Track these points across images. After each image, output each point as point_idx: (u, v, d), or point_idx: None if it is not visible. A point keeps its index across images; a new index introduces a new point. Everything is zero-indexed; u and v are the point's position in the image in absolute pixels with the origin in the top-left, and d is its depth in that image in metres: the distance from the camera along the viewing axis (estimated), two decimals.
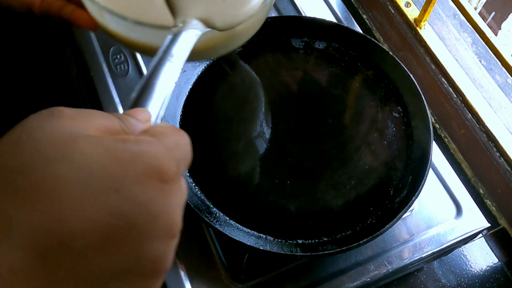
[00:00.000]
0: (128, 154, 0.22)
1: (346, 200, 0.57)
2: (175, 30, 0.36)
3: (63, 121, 0.23)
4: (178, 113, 0.62)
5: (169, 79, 0.31)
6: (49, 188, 0.20)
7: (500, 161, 0.69)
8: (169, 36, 0.35)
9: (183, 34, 0.36)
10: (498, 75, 0.75)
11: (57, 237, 0.20)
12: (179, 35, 0.35)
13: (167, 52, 0.33)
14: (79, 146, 0.22)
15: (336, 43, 0.68)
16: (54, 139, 0.22)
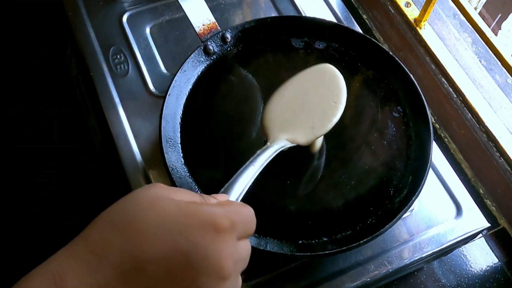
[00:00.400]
0: (193, 210, 0.31)
1: (346, 200, 0.57)
2: (264, 147, 0.50)
3: (158, 190, 0.33)
4: (178, 113, 0.62)
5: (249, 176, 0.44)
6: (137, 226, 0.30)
7: (500, 161, 0.69)
8: (258, 150, 0.49)
9: (270, 149, 0.49)
10: (498, 75, 0.75)
11: (137, 261, 0.29)
12: (266, 149, 0.49)
13: (253, 161, 0.46)
14: (162, 203, 0.31)
15: (336, 43, 0.68)
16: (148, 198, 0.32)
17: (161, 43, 0.73)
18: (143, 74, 0.70)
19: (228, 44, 0.67)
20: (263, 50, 0.67)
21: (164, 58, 0.72)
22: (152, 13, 0.76)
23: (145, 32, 0.74)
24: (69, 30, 0.75)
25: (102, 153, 0.75)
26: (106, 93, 0.67)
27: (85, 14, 0.74)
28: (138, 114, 0.66)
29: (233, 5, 0.78)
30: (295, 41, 0.68)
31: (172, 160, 0.57)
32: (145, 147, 0.64)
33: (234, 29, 0.66)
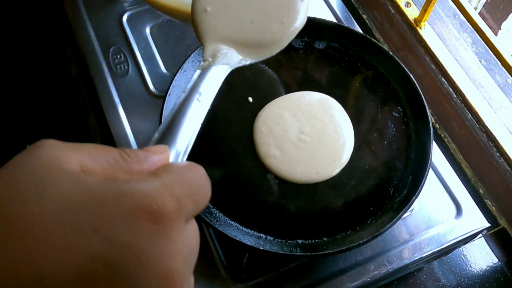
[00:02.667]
0: (111, 192, 0.20)
1: (346, 200, 0.57)
2: (205, 64, 0.35)
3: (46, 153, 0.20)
4: None
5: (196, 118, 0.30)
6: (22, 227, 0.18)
7: (500, 161, 0.69)
8: (198, 71, 0.34)
9: (212, 69, 0.34)
10: (498, 75, 0.75)
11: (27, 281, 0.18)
12: (208, 71, 0.34)
13: (195, 89, 0.32)
14: (57, 183, 0.19)
15: (336, 43, 0.68)
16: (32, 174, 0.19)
17: (161, 43, 0.73)
18: (143, 74, 0.70)
19: None
20: None
21: (164, 58, 0.72)
22: (152, 13, 0.75)
23: (145, 32, 0.74)
24: (69, 30, 0.75)
25: None
26: (106, 93, 0.67)
27: (85, 14, 0.74)
28: (138, 114, 0.66)
29: None
30: (295, 41, 0.68)
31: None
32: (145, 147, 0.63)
33: None
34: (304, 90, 0.65)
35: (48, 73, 0.99)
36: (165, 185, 0.21)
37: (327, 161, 0.58)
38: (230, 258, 0.56)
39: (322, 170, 0.57)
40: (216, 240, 0.58)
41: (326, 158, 0.58)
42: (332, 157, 0.58)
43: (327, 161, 0.58)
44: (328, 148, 0.59)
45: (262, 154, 0.58)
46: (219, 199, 0.56)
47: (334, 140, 0.59)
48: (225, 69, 0.37)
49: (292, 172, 0.57)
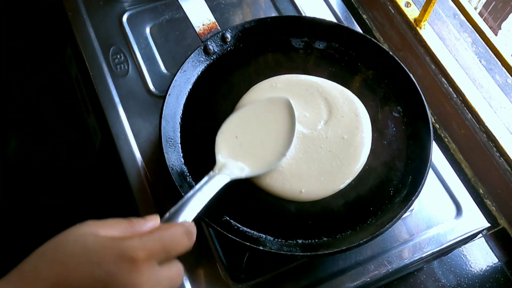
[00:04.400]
0: (111, 244, 0.35)
1: (346, 200, 0.57)
2: (211, 174, 0.51)
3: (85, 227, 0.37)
4: (178, 113, 0.62)
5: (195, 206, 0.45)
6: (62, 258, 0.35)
7: (500, 161, 0.69)
8: (206, 177, 0.50)
9: (216, 178, 0.50)
10: (498, 75, 0.75)
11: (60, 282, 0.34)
12: (212, 178, 0.50)
13: (200, 189, 0.47)
14: (86, 238, 0.36)
15: (336, 43, 0.68)
16: (75, 234, 0.36)
17: (161, 43, 0.73)
18: (143, 74, 0.70)
19: (228, 44, 0.67)
20: (263, 50, 0.67)
21: (164, 58, 0.72)
22: (152, 13, 0.76)
23: (145, 32, 0.74)
24: (69, 30, 0.75)
25: (102, 153, 0.75)
26: (106, 93, 0.67)
27: (85, 14, 0.74)
28: (138, 114, 0.66)
29: (233, 5, 0.78)
30: (295, 41, 0.68)
31: (172, 160, 0.57)
32: (145, 147, 0.64)
33: (234, 29, 0.66)
34: None
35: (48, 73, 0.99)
36: (141, 242, 0.36)
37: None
38: (230, 258, 0.56)
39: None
40: (216, 240, 0.58)
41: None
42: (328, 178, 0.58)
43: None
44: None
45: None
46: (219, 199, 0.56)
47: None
48: (225, 179, 0.51)
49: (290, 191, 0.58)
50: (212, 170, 0.52)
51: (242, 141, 0.57)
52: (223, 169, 0.53)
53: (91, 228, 0.37)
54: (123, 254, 0.34)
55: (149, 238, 0.37)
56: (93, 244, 0.35)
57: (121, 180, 0.63)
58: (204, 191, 0.47)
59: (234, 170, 0.53)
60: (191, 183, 0.57)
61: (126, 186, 0.62)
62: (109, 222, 0.38)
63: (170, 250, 0.37)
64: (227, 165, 0.54)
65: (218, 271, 0.56)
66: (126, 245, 0.35)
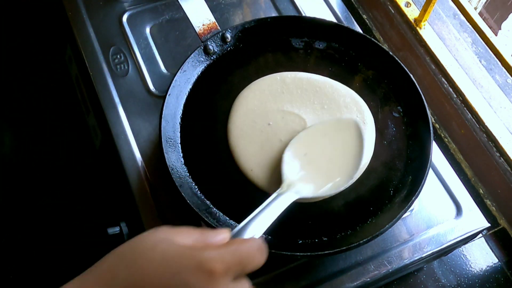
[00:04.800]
0: (190, 254, 0.35)
1: (346, 200, 0.57)
2: (280, 191, 0.51)
3: (162, 233, 0.37)
4: (178, 113, 0.62)
5: (264, 222, 0.45)
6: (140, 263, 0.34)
7: (500, 161, 0.69)
8: (275, 193, 0.50)
9: (285, 195, 0.50)
10: (498, 75, 0.75)
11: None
12: (281, 195, 0.50)
13: (269, 205, 0.47)
14: (164, 245, 0.35)
15: (336, 43, 0.68)
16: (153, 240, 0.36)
17: (161, 43, 0.73)
18: (143, 74, 0.70)
19: (228, 44, 0.67)
20: (263, 50, 0.67)
21: (164, 58, 0.72)
22: (152, 13, 0.76)
23: (145, 32, 0.74)
24: (69, 30, 0.75)
25: (102, 153, 0.75)
26: (106, 93, 0.67)
27: (85, 14, 0.74)
28: (138, 114, 0.66)
29: (233, 5, 0.78)
30: (295, 41, 0.68)
31: (172, 160, 0.57)
32: (145, 147, 0.64)
33: (234, 29, 0.66)
34: None
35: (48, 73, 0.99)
36: (219, 254, 0.35)
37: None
38: None
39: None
40: None
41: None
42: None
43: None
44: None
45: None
46: (219, 199, 0.56)
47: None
48: (292, 197, 0.51)
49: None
50: (281, 187, 0.52)
51: (311, 159, 0.56)
52: (291, 187, 0.52)
53: (166, 234, 0.37)
54: (201, 266, 0.34)
55: (227, 251, 0.36)
56: (171, 252, 0.35)
57: (121, 180, 0.63)
58: (272, 208, 0.47)
59: (302, 189, 0.53)
60: (191, 184, 0.57)
61: (126, 186, 0.62)
62: (183, 230, 0.38)
63: (246, 265, 0.37)
64: (295, 183, 0.53)
65: None
66: (205, 256, 0.35)
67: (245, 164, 0.58)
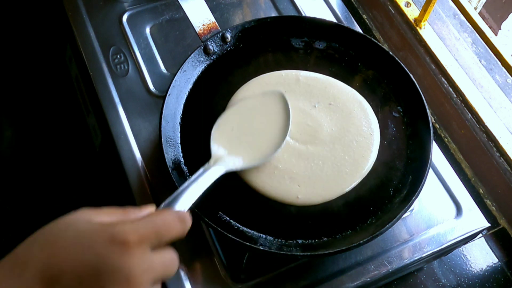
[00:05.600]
0: (103, 229, 0.35)
1: (346, 200, 0.57)
2: (206, 166, 0.52)
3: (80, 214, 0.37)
4: (178, 113, 0.62)
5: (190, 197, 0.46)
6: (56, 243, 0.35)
7: (500, 161, 0.69)
8: (201, 169, 0.51)
9: (211, 169, 0.51)
10: (498, 75, 0.75)
11: (53, 271, 0.34)
12: (208, 170, 0.51)
13: (195, 180, 0.48)
14: (79, 224, 0.36)
15: (336, 43, 0.68)
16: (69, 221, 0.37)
17: (161, 43, 0.73)
18: (143, 74, 0.70)
19: (228, 44, 0.67)
20: (263, 50, 0.67)
21: (164, 58, 0.72)
22: (152, 13, 0.76)
23: (145, 32, 0.74)
24: (69, 30, 0.75)
25: (102, 153, 0.75)
26: (106, 93, 0.67)
27: (85, 14, 0.74)
28: (138, 114, 0.66)
29: (233, 5, 0.78)
30: (295, 41, 0.68)
31: (172, 160, 0.57)
32: (145, 147, 0.64)
33: (234, 29, 0.66)
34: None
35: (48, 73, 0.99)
36: (134, 227, 0.36)
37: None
38: (230, 258, 0.56)
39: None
40: (216, 240, 0.58)
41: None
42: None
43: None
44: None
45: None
46: (219, 199, 0.56)
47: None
48: (221, 170, 0.52)
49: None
50: (208, 162, 0.53)
51: (238, 133, 0.58)
52: (219, 161, 0.54)
53: (84, 215, 0.37)
54: (113, 238, 0.34)
55: (141, 222, 0.37)
56: (84, 229, 0.35)
57: (121, 180, 0.63)
58: (199, 183, 0.48)
59: (229, 162, 0.54)
60: None
61: (126, 186, 0.62)
62: (103, 210, 0.38)
63: (163, 234, 0.37)
64: (222, 157, 0.54)
65: (218, 271, 0.56)
66: (117, 229, 0.35)
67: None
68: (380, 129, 0.62)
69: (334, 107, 0.62)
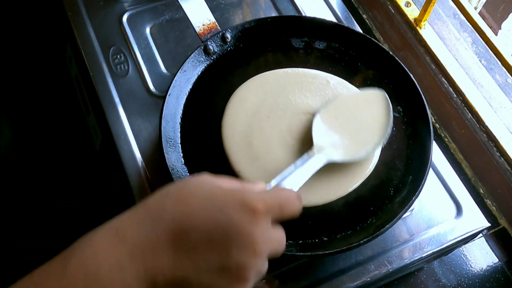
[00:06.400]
0: (234, 193, 0.37)
1: (346, 200, 0.57)
2: (310, 153, 0.53)
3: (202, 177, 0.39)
4: (178, 113, 0.62)
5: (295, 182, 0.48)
6: (188, 200, 0.37)
7: (500, 160, 0.69)
8: (305, 155, 0.52)
9: (315, 157, 0.53)
10: (498, 74, 0.75)
11: (184, 226, 0.35)
12: (312, 157, 0.52)
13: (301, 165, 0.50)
14: (206, 186, 0.38)
15: (336, 43, 0.68)
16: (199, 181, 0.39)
17: (161, 43, 0.73)
18: (143, 74, 0.70)
19: (228, 44, 0.67)
20: (263, 50, 0.67)
21: (164, 58, 0.72)
22: (152, 13, 0.76)
23: (145, 32, 0.74)
24: (69, 30, 0.75)
25: (102, 153, 0.75)
26: (106, 93, 0.67)
27: (85, 14, 0.74)
28: (138, 114, 0.66)
29: (233, 5, 0.78)
30: (295, 41, 0.68)
31: (172, 160, 0.57)
32: (145, 147, 0.64)
33: (234, 29, 0.66)
34: None
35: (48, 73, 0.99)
36: (261, 195, 0.38)
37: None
38: None
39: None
40: None
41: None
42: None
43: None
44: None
45: None
46: None
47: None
48: (322, 160, 0.53)
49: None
50: (311, 150, 0.54)
51: (340, 126, 0.58)
52: (321, 150, 0.54)
53: (209, 179, 0.39)
54: (245, 203, 0.36)
55: (268, 193, 0.39)
56: (216, 191, 0.37)
57: (121, 180, 0.63)
58: (304, 168, 0.50)
59: (332, 153, 0.55)
60: None
61: (126, 186, 0.62)
62: (224, 178, 0.40)
63: (285, 209, 0.39)
64: (325, 147, 0.55)
65: None
66: (248, 196, 0.37)
67: (235, 166, 0.58)
68: None
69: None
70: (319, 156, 0.53)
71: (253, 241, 0.35)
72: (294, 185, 0.47)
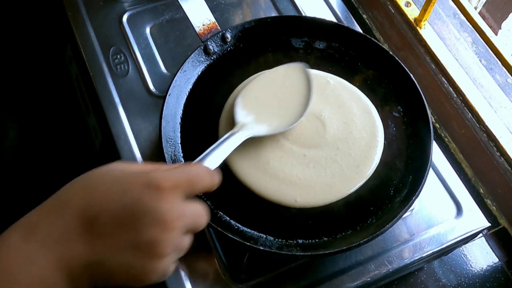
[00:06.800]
0: (138, 175, 0.38)
1: (346, 200, 0.57)
2: (233, 131, 0.55)
3: (116, 164, 0.40)
4: (178, 113, 0.62)
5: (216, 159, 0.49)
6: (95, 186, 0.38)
7: (501, 160, 0.69)
8: (228, 133, 0.54)
9: (237, 134, 0.54)
10: (498, 74, 0.75)
11: (93, 212, 0.37)
12: (234, 134, 0.54)
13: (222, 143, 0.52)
14: (112, 172, 0.39)
15: (336, 43, 0.68)
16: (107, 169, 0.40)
17: (161, 43, 0.73)
18: (143, 74, 0.70)
19: (228, 44, 0.67)
20: (263, 50, 0.67)
21: (164, 58, 0.72)
22: (152, 13, 0.76)
23: (145, 32, 0.74)
24: (69, 30, 0.75)
25: (102, 153, 0.75)
26: (106, 93, 0.67)
27: (85, 14, 0.74)
28: (138, 114, 0.66)
29: (233, 5, 0.78)
30: (295, 41, 0.68)
31: (172, 160, 0.57)
32: (145, 147, 0.64)
33: (234, 29, 0.66)
34: None
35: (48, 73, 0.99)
36: (166, 173, 0.38)
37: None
38: (230, 258, 0.56)
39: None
40: (216, 240, 0.58)
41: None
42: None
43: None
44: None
45: None
46: (219, 199, 0.56)
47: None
48: (246, 134, 0.55)
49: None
50: (234, 128, 0.56)
51: (263, 101, 0.60)
52: (244, 127, 0.56)
53: (119, 165, 0.40)
54: (149, 183, 0.37)
55: (175, 171, 0.39)
56: (121, 175, 0.38)
57: None
58: (225, 146, 0.52)
59: (255, 128, 0.56)
60: None
61: None
62: (137, 163, 0.43)
63: (194, 184, 0.40)
64: (248, 123, 0.57)
65: (218, 271, 0.56)
66: (152, 175, 0.38)
67: (234, 166, 0.58)
68: None
69: (340, 109, 0.62)
70: (241, 133, 0.55)
71: (161, 216, 0.36)
72: (215, 162, 0.48)
